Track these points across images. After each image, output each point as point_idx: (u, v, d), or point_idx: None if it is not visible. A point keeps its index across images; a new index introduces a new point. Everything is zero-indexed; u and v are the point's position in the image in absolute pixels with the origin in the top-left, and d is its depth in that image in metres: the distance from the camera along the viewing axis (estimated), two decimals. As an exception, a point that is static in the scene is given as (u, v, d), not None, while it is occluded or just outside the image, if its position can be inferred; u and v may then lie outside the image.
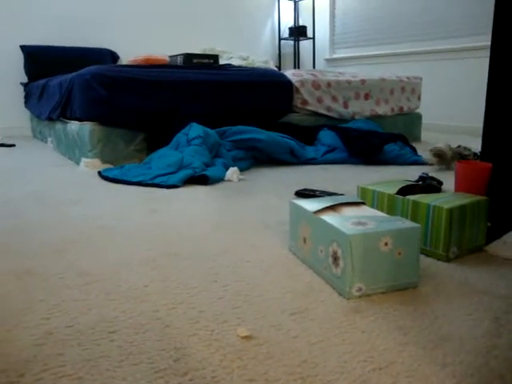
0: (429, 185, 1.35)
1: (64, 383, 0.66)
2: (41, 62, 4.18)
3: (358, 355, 0.72)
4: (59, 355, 0.73)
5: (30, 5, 4.34)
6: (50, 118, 3.10)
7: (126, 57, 4.67)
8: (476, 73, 4.16)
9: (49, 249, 1.22)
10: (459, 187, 1.40)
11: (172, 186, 1.94)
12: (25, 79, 4.30)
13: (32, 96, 3.84)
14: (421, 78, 3.80)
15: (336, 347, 0.75)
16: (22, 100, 4.33)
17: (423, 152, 2.91)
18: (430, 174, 2.12)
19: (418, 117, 3.78)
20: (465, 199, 1.15)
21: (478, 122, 4.17)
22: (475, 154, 2.56)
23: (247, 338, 0.77)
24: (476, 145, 3.20)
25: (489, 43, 3.99)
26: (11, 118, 4.38)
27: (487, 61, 4.03)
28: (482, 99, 4.13)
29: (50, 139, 3.39)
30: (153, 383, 0.66)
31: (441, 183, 1.90)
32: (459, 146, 2.66)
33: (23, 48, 4.21)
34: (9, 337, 0.78)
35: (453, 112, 4.38)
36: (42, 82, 3.53)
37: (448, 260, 1.11)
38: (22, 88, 4.34)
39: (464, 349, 0.74)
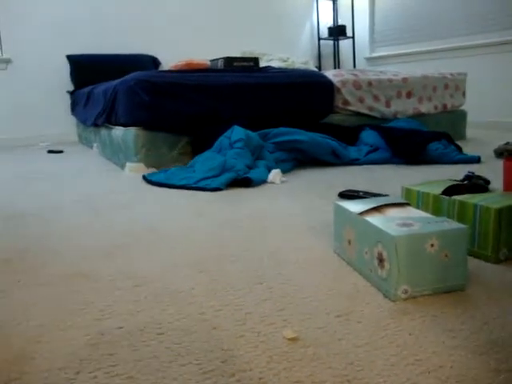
0: (475, 184, 1.32)
1: (116, 382, 0.69)
2: (86, 70, 4.31)
3: (405, 358, 0.72)
4: (111, 355, 0.76)
5: (73, 15, 4.49)
6: (95, 124, 3.19)
7: (167, 62, 4.77)
8: (524, 67, 4.02)
9: (99, 252, 1.26)
10: (508, 186, 1.36)
11: (215, 189, 1.97)
12: (71, 88, 4.44)
13: (78, 103, 3.96)
14: (465, 74, 3.71)
15: (382, 350, 0.74)
16: (69, 108, 4.48)
17: (469, 150, 2.84)
18: (477, 173, 2.06)
19: (463, 114, 3.68)
20: (514, 199, 1.12)
21: (526, 117, 4.03)
22: (524, 151, 2.48)
23: (293, 339, 0.78)
24: (525, 142, 3.09)
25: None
26: (59, 126, 4.54)
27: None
28: (530, 94, 4.00)
29: (95, 145, 3.49)
30: (201, 383, 0.68)
31: (488, 182, 1.85)
32: (507, 143, 2.58)
33: (69, 57, 4.35)
34: (64, 336, 0.82)
35: (500, 108, 4.26)
36: (87, 89, 3.64)
37: (498, 262, 1.08)
38: (68, 96, 4.48)
39: (516, 353, 0.72)
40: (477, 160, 2.46)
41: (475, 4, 4.34)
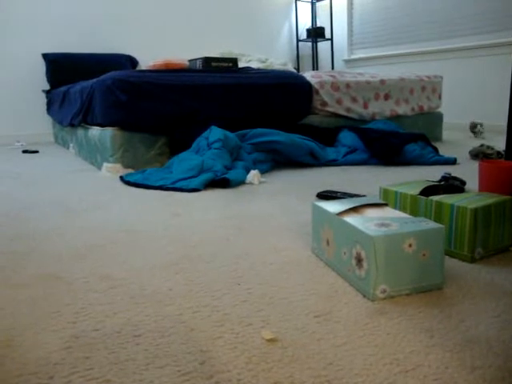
0: (452, 185, 1.33)
1: (92, 386, 0.67)
2: (62, 69, 4.25)
3: (383, 358, 0.72)
4: (87, 358, 0.74)
5: (50, 13, 4.42)
6: (71, 124, 3.15)
7: (145, 62, 4.73)
8: (498, 70, 4.10)
9: (73, 253, 1.23)
10: (483, 187, 1.38)
11: (193, 190, 1.95)
12: (47, 86, 4.37)
13: (54, 103, 3.90)
14: (441, 77, 3.76)
15: (361, 349, 0.74)
16: (45, 107, 4.40)
17: (446, 152, 2.88)
18: (453, 174, 2.09)
19: (439, 116, 3.74)
20: (489, 199, 1.13)
21: (500, 120, 4.11)
22: (498, 152, 2.52)
23: (272, 340, 0.77)
24: (499, 143, 3.15)
25: (510, 39, 3.93)
26: (34, 125, 4.47)
27: (509, 57, 3.97)
28: (505, 97, 4.07)
29: (71, 145, 3.44)
30: (179, 386, 0.67)
31: (464, 183, 1.88)
32: (482, 145, 2.63)
33: (45, 56, 4.28)
34: (37, 340, 0.80)
35: (475, 110, 4.33)
36: (63, 88, 3.59)
37: (473, 261, 1.09)
38: (44, 95, 4.41)
39: (493, 351, 0.72)
40: (453, 161, 2.49)
41: (452, 9, 4.41)
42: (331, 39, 5.70)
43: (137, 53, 4.84)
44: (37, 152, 3.61)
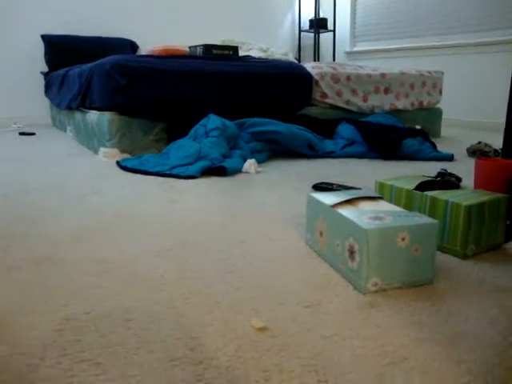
0: (447, 181, 1.34)
1: (82, 368, 0.68)
2: (61, 51, 4.22)
3: (372, 349, 0.72)
4: (77, 341, 0.74)
5: (52, -6, 4.38)
6: (69, 108, 3.13)
7: (146, 47, 4.70)
8: (499, 68, 4.09)
9: (67, 237, 1.24)
10: (478, 184, 1.39)
11: (190, 177, 1.95)
12: (45, 68, 4.34)
13: (52, 85, 3.88)
14: (442, 73, 3.75)
15: (350, 341, 0.75)
16: (43, 89, 4.38)
17: (443, 148, 2.88)
18: (449, 171, 2.10)
19: (439, 112, 3.73)
20: (484, 196, 1.14)
21: (499, 117, 4.11)
22: (496, 150, 2.53)
23: (262, 329, 0.78)
24: (497, 141, 3.15)
25: (511, 37, 3.92)
26: (32, 107, 4.44)
27: (510, 55, 3.97)
28: (504, 94, 4.07)
29: (69, 128, 3.42)
30: (168, 371, 0.67)
31: (460, 180, 1.88)
32: (480, 142, 2.63)
33: (44, 37, 4.25)
34: (29, 322, 0.80)
35: (474, 107, 4.33)
36: (62, 71, 3.56)
37: (465, 257, 1.10)
38: (42, 77, 4.38)
39: (480, 346, 0.73)
40: (450, 158, 2.49)
41: (455, 5, 4.39)
42: (333, 31, 5.67)
43: (138, 38, 4.81)
44: (34, 134, 3.60)
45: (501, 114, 4.10)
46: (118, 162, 2.23)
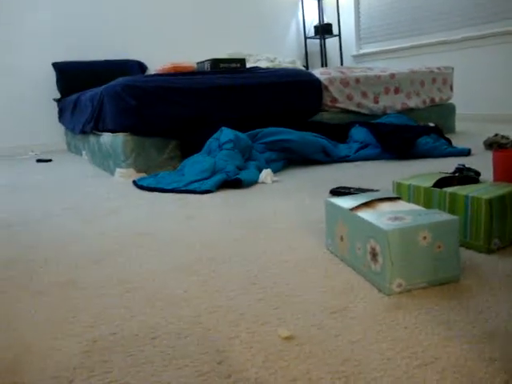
0: (466, 176, 1.32)
1: (111, 389, 0.68)
2: (72, 77, 4.29)
3: (401, 352, 0.71)
4: (105, 362, 0.75)
5: (58, 23, 4.47)
6: (83, 132, 3.17)
7: (154, 66, 4.75)
8: (509, 58, 4.05)
9: (89, 259, 1.24)
10: (498, 177, 1.37)
11: (206, 192, 1.96)
12: (58, 95, 4.42)
13: (65, 111, 3.94)
14: (452, 68, 3.72)
15: (379, 344, 0.74)
16: (56, 116, 4.45)
17: (459, 143, 2.85)
18: (467, 165, 2.07)
19: (452, 107, 3.70)
20: (504, 189, 1.12)
21: (514, 109, 4.06)
22: (513, 141, 2.49)
23: (288, 338, 0.77)
24: (513, 132, 3.11)
25: (521, 27, 3.88)
26: (47, 134, 4.52)
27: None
28: (517, 85, 4.02)
29: (84, 152, 3.47)
30: (197, 386, 0.67)
31: (478, 174, 1.86)
32: (496, 135, 2.60)
33: (55, 65, 4.33)
34: (56, 345, 0.80)
35: (488, 100, 4.28)
36: (74, 96, 3.62)
37: (490, 252, 1.08)
38: (55, 104, 4.46)
39: (512, 342, 0.72)
40: (467, 152, 2.47)
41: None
42: (339, 35, 5.68)
43: (146, 58, 4.87)
44: (50, 161, 3.65)
45: (515, 104, 4.05)
46: (134, 182, 2.25)
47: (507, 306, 0.83)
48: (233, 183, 2.02)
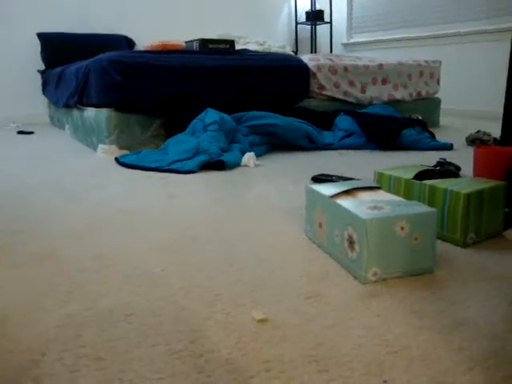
0: (446, 170, 1.33)
1: (84, 363, 0.68)
2: (57, 49, 4.20)
3: (373, 339, 0.73)
4: (79, 336, 0.75)
5: (46, -8, 4.36)
6: (67, 105, 3.13)
7: (142, 43, 4.67)
8: (496, 56, 4.08)
9: (68, 234, 1.24)
10: (478, 172, 1.38)
11: (189, 172, 1.95)
12: (42, 67, 4.33)
13: (49, 83, 3.87)
14: (440, 62, 3.74)
15: (351, 330, 0.75)
16: (40, 88, 4.37)
17: (442, 137, 2.88)
18: (449, 160, 2.09)
19: (437, 101, 3.72)
20: (483, 184, 1.13)
21: (497, 106, 4.10)
22: (495, 139, 2.52)
23: (263, 321, 0.78)
24: (496, 130, 3.15)
25: (510, 25, 3.90)
26: (29, 106, 4.43)
27: (508, 44, 3.95)
28: (502, 83, 4.06)
29: (67, 126, 3.42)
30: (169, 364, 0.67)
31: (459, 168, 1.88)
32: (479, 131, 2.63)
33: (40, 35, 4.23)
34: (30, 318, 0.80)
35: (472, 96, 4.31)
36: (58, 69, 3.56)
37: (465, 245, 1.10)
38: (39, 76, 4.37)
39: (480, 333, 0.73)
40: (449, 147, 2.49)
41: (451, -8, 4.37)
42: (330, 22, 5.65)
43: (134, 34, 4.79)
44: (32, 133, 3.59)
45: (499, 102, 4.09)
46: (116, 159, 2.23)
47: (478, 298, 0.85)
48: (216, 165, 2.01)
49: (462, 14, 4.31)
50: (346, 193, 1.08)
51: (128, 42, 4.63)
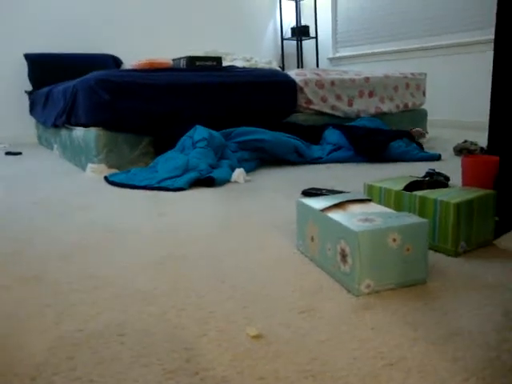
0: (436, 180, 1.34)
1: (75, 386, 0.67)
2: (45, 69, 4.20)
3: (368, 351, 0.72)
4: (70, 359, 0.73)
5: (31, 13, 4.37)
6: (55, 125, 3.12)
7: (129, 62, 4.70)
8: (481, 67, 4.14)
9: (56, 254, 1.22)
10: (466, 182, 1.40)
11: (178, 189, 1.94)
12: (29, 87, 4.32)
13: (37, 104, 3.86)
14: (425, 74, 3.79)
15: (346, 344, 0.74)
16: (27, 108, 4.35)
17: (430, 148, 2.90)
18: (437, 170, 2.11)
19: (424, 113, 3.76)
20: (472, 193, 1.14)
21: (482, 116, 4.15)
22: (482, 148, 2.55)
23: (257, 337, 0.77)
24: (482, 139, 3.18)
25: (493, 37, 3.97)
26: (17, 127, 4.41)
27: (491, 54, 4.01)
28: (487, 93, 4.11)
29: (55, 146, 3.40)
30: (164, 384, 0.66)
31: (448, 178, 1.90)
32: (466, 141, 2.65)
33: (27, 56, 4.23)
34: (20, 342, 0.79)
35: (458, 107, 4.37)
36: (46, 89, 3.55)
37: (457, 255, 1.10)
38: (26, 96, 4.36)
39: (475, 343, 0.73)
40: (437, 158, 2.51)
41: (435, 6, 4.44)
42: (316, 37, 5.71)
43: (121, 53, 4.81)
44: (20, 154, 3.57)
45: (484, 112, 4.14)
46: (105, 178, 2.22)
47: (470, 307, 0.85)
48: (205, 181, 2.01)
49: (447, 27, 4.37)
50: (337, 206, 1.09)
51: (115, 61, 4.64)
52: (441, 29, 4.42)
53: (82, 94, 2.44)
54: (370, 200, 1.13)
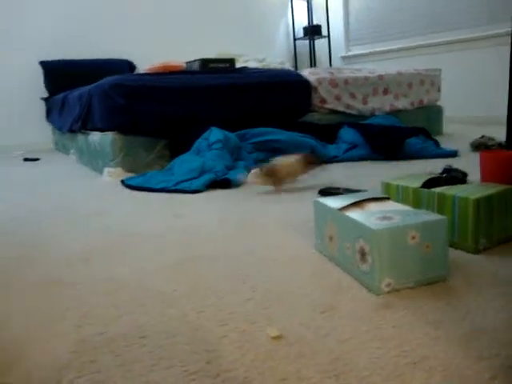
0: (453, 177, 1.33)
1: (99, 389, 0.67)
2: (60, 76, 4.26)
3: (390, 351, 0.71)
4: (93, 362, 0.74)
5: (46, 21, 4.43)
6: (71, 131, 3.15)
7: (143, 66, 4.72)
8: (497, 61, 4.09)
9: (76, 258, 1.23)
10: (485, 177, 1.38)
11: (195, 191, 1.95)
12: (45, 94, 4.38)
13: (53, 110, 3.91)
14: (440, 70, 3.75)
15: (367, 343, 0.74)
16: (44, 115, 4.41)
17: (447, 145, 2.87)
18: (454, 166, 2.08)
19: (439, 109, 3.72)
20: (491, 189, 1.13)
21: (500, 110, 4.09)
22: (500, 143, 2.52)
23: (277, 337, 0.77)
24: (500, 134, 3.14)
25: (509, 30, 3.92)
26: (34, 133, 4.47)
27: (503, 49, 3.96)
28: (499, 87, 4.06)
29: (72, 151, 3.44)
30: (186, 386, 0.66)
31: (466, 175, 1.87)
32: (483, 137, 2.62)
33: (42, 64, 4.29)
34: (43, 346, 0.80)
35: (475, 102, 4.32)
36: (62, 95, 3.59)
37: (477, 252, 1.09)
38: (43, 103, 4.42)
39: (499, 341, 0.72)
40: (454, 154, 2.49)
41: (447, 2, 4.40)
42: (328, 36, 5.70)
43: (135, 58, 4.84)
44: (38, 159, 3.62)
45: (497, 107, 4.09)
46: (122, 181, 2.24)
47: (493, 305, 0.83)
48: (222, 183, 2.01)
49: (461, 22, 4.33)
50: (355, 205, 1.08)
51: (129, 66, 4.68)
52: (454, 23, 4.38)
53: (96, 98, 2.47)
54: (387, 198, 1.13)
